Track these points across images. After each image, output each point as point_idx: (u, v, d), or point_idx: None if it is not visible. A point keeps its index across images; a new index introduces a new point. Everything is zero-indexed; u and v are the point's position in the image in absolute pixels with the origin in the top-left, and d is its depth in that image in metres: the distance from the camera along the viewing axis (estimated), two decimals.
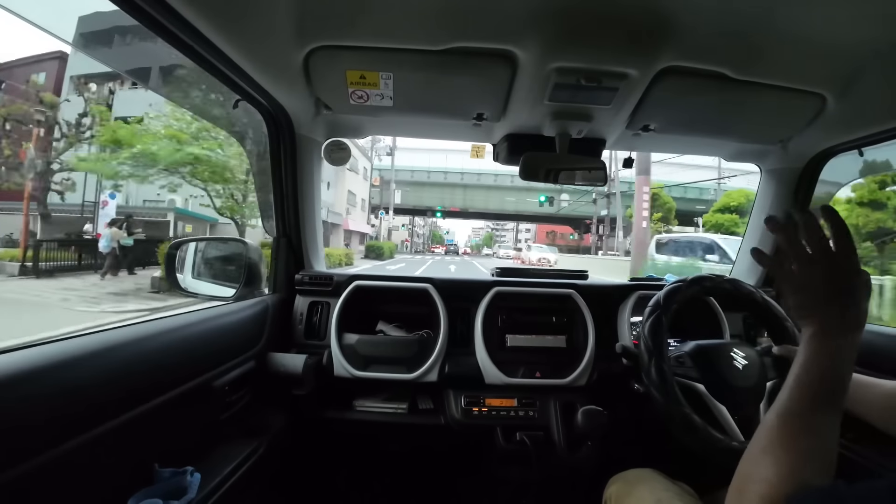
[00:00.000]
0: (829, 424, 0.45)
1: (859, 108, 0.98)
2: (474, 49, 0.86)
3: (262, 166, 1.26)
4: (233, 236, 6.94)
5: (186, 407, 0.78)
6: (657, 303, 0.84)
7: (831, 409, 0.45)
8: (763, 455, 0.45)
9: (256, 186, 1.31)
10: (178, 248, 1.22)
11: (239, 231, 10.47)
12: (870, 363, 0.91)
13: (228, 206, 10.13)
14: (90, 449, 0.57)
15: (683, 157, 10.00)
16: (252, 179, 8.92)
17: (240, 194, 10.07)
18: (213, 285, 1.30)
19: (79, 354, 0.58)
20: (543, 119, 1.08)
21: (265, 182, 1.27)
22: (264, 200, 1.31)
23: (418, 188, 34.82)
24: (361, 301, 1.22)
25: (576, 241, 40.19)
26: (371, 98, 1.01)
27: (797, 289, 0.52)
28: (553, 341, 1.21)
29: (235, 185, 9.86)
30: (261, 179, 1.28)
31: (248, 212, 10.17)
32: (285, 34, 0.82)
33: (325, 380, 1.13)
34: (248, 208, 10.11)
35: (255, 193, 7.08)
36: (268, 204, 1.29)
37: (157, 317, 0.77)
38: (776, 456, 0.44)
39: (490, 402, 1.14)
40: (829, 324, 0.49)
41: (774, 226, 0.54)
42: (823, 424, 0.44)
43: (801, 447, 0.43)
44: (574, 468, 1.12)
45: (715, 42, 0.82)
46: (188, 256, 1.29)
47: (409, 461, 1.40)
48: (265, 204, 1.31)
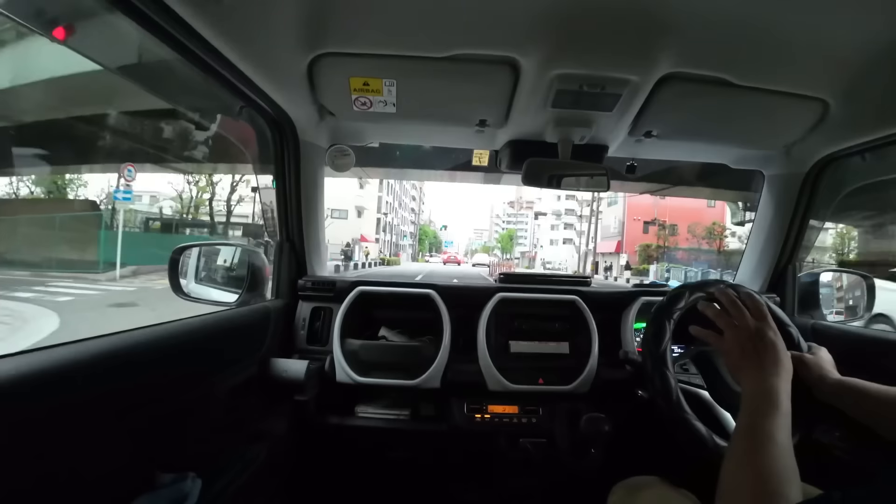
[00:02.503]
0: (782, 439, 0.52)
1: (862, 114, 0.98)
2: (477, 56, 0.87)
3: (266, 172, 1.26)
4: (236, 241, 6.88)
5: (188, 412, 0.78)
6: (660, 309, 0.84)
7: (779, 429, 0.53)
8: (739, 469, 0.51)
9: (259, 192, 1.32)
10: (181, 253, 1.22)
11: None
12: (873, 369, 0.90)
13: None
14: (91, 454, 0.57)
15: None
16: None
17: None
18: (216, 290, 1.30)
19: (80, 360, 0.58)
20: (546, 125, 1.09)
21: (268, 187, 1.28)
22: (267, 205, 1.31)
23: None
24: (364, 307, 1.22)
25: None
26: (374, 104, 1.02)
27: (734, 354, 0.67)
28: (556, 348, 1.20)
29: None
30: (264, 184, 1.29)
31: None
32: (289, 42, 0.83)
33: (327, 386, 1.13)
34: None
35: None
36: (270, 209, 1.29)
37: (160, 322, 0.77)
38: (749, 467, 0.50)
39: (493, 409, 1.13)
40: (758, 370, 0.62)
41: (704, 307, 0.74)
42: (778, 440, 0.52)
43: (763, 461, 0.50)
44: (577, 475, 1.11)
45: (717, 48, 0.82)
46: (191, 262, 1.29)
47: (412, 468, 1.39)
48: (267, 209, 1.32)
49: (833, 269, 2.78)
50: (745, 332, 0.67)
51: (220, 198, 16.86)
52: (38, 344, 0.55)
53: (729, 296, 0.72)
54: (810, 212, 1.32)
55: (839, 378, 0.80)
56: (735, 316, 0.69)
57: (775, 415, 0.55)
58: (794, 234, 1.35)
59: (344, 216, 32.18)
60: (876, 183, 1.32)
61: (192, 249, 1.30)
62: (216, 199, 15.22)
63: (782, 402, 0.57)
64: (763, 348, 0.64)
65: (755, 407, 0.57)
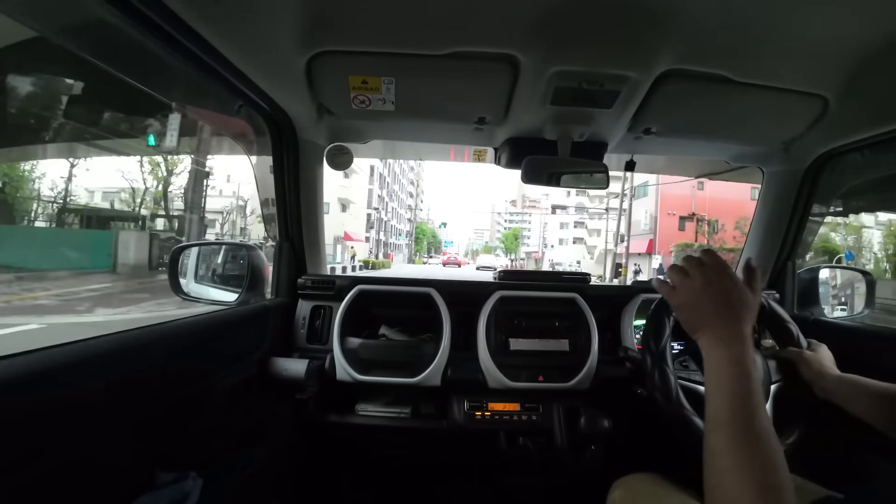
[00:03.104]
0: (760, 422, 0.46)
1: (862, 110, 0.98)
2: (476, 53, 0.86)
3: (265, 171, 1.26)
4: (237, 241, 6.76)
5: (188, 412, 0.78)
6: (660, 306, 0.84)
7: (755, 410, 0.47)
8: (721, 473, 0.46)
9: (258, 190, 1.31)
10: (180, 252, 1.22)
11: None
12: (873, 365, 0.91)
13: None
14: (91, 454, 0.57)
15: None
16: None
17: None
18: (216, 290, 1.31)
19: (78, 360, 0.58)
20: (545, 122, 1.09)
21: (267, 186, 1.28)
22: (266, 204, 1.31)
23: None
24: (364, 305, 1.22)
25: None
26: (373, 102, 1.02)
27: (686, 308, 0.61)
28: (556, 345, 1.20)
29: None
30: (263, 183, 1.28)
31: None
32: (288, 40, 0.83)
33: (327, 384, 1.13)
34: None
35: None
36: (270, 208, 1.29)
37: (158, 322, 0.77)
38: (733, 469, 0.44)
39: (493, 407, 1.13)
40: (714, 335, 0.55)
41: (670, 268, 0.65)
42: (755, 424, 0.46)
43: (754, 450, 0.44)
44: (577, 472, 1.11)
45: (716, 45, 0.82)
46: (191, 261, 1.29)
47: (412, 466, 1.40)
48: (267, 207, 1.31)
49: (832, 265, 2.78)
50: (696, 282, 0.60)
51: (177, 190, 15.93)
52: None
53: (686, 258, 0.64)
54: (810, 208, 1.32)
55: (839, 374, 0.80)
56: (687, 269, 0.62)
57: (750, 389, 0.49)
58: (793, 231, 1.35)
59: (324, 210, 30.52)
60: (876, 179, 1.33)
61: (192, 249, 1.30)
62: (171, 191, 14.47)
63: (751, 370, 0.51)
64: (714, 297, 0.58)
65: (726, 383, 0.51)
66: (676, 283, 0.63)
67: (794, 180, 1.31)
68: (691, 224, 22.90)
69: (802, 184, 1.30)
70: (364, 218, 32.39)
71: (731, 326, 0.55)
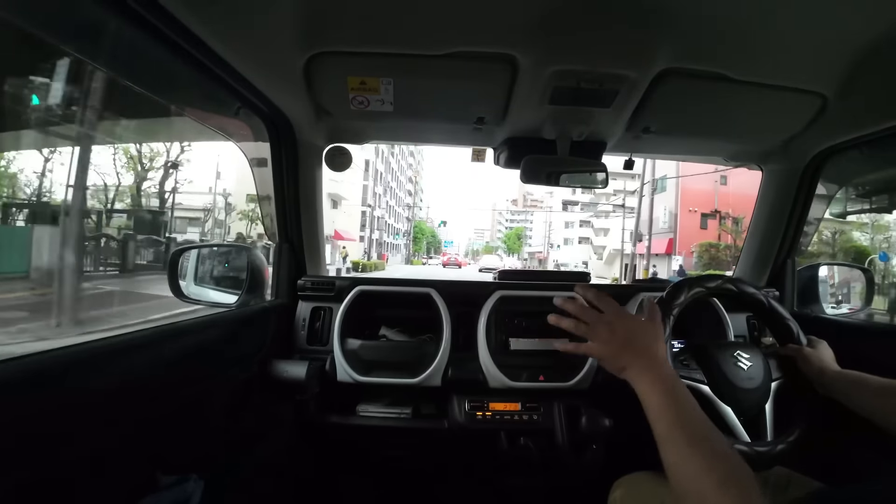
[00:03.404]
0: (696, 425, 0.52)
1: (860, 107, 0.98)
2: (474, 53, 0.86)
3: (263, 172, 1.26)
4: (236, 243, 6.61)
5: (189, 414, 0.78)
6: (660, 304, 0.84)
7: (689, 417, 0.53)
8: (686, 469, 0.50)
9: (258, 192, 1.31)
10: (180, 254, 1.22)
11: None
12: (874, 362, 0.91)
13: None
14: (91, 457, 0.57)
15: None
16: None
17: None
18: (216, 292, 1.30)
19: (80, 363, 0.58)
20: (544, 122, 1.09)
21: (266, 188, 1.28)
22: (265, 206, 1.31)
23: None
24: (364, 306, 1.22)
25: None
26: (372, 103, 1.02)
27: (606, 359, 0.65)
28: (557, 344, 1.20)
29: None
30: (262, 185, 1.28)
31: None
32: (286, 41, 0.83)
33: (328, 385, 1.13)
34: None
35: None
36: (269, 209, 1.29)
37: (158, 324, 0.77)
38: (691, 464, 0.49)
39: (494, 406, 1.13)
40: (634, 370, 0.61)
41: (563, 302, 0.70)
42: (694, 429, 0.52)
43: (702, 449, 0.49)
44: (578, 472, 1.11)
45: (713, 43, 0.82)
46: (190, 263, 1.29)
47: (413, 467, 1.39)
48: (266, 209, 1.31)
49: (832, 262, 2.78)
50: (604, 331, 0.65)
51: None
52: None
53: (573, 304, 0.69)
54: (809, 205, 1.33)
55: (839, 370, 0.80)
56: (587, 319, 0.67)
57: (677, 400, 0.55)
58: (792, 229, 1.35)
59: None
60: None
61: (192, 251, 1.30)
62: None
63: (674, 384, 0.57)
64: (626, 339, 0.63)
65: (658, 403, 0.56)
66: (583, 334, 0.67)
67: (793, 178, 1.31)
68: (714, 222, 21.22)
69: (801, 181, 1.30)
70: (358, 215, 30.19)
71: (645, 358, 0.61)
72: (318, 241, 1.38)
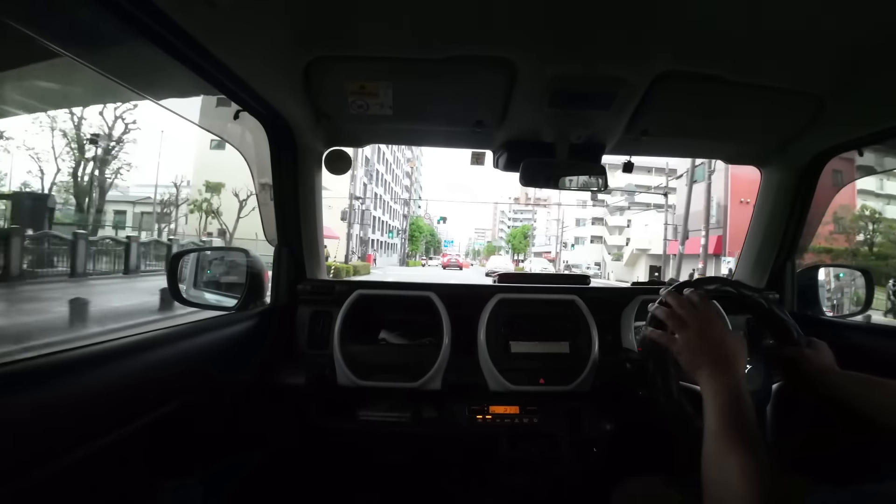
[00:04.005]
0: (754, 431, 0.55)
1: (858, 108, 0.98)
2: (473, 57, 0.87)
3: (263, 175, 1.26)
4: (236, 246, 6.63)
5: (189, 418, 0.78)
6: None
7: (744, 428, 0.55)
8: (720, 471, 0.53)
9: (257, 196, 1.32)
10: (179, 258, 1.22)
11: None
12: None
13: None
14: (92, 463, 0.57)
15: None
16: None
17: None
18: (216, 296, 1.30)
19: (79, 366, 0.58)
20: (543, 125, 1.09)
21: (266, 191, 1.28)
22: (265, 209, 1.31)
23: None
24: (364, 310, 1.22)
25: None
26: (371, 107, 1.02)
27: (684, 355, 0.68)
28: (556, 347, 1.20)
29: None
30: (262, 188, 1.29)
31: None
32: (286, 45, 0.83)
33: (327, 389, 1.13)
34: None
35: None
36: (269, 213, 1.29)
37: (158, 328, 0.77)
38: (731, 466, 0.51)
39: (494, 410, 1.13)
40: (710, 373, 0.63)
41: (656, 309, 0.74)
42: (746, 439, 0.54)
43: (744, 458, 0.51)
44: (579, 475, 1.11)
45: (711, 46, 0.82)
46: (190, 267, 1.29)
47: (414, 471, 1.39)
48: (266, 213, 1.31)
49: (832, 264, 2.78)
50: (693, 331, 0.68)
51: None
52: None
53: (675, 298, 0.73)
54: (808, 206, 1.33)
55: (839, 372, 0.80)
56: (682, 316, 0.70)
57: (742, 408, 0.57)
58: (791, 230, 1.35)
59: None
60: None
61: (191, 255, 1.30)
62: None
63: (744, 394, 0.59)
64: (710, 346, 0.66)
65: (720, 405, 0.58)
66: (673, 328, 0.70)
67: (792, 179, 1.31)
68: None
69: (801, 182, 1.30)
70: (344, 210, 24.22)
71: (726, 376, 0.62)
72: (318, 245, 1.38)
